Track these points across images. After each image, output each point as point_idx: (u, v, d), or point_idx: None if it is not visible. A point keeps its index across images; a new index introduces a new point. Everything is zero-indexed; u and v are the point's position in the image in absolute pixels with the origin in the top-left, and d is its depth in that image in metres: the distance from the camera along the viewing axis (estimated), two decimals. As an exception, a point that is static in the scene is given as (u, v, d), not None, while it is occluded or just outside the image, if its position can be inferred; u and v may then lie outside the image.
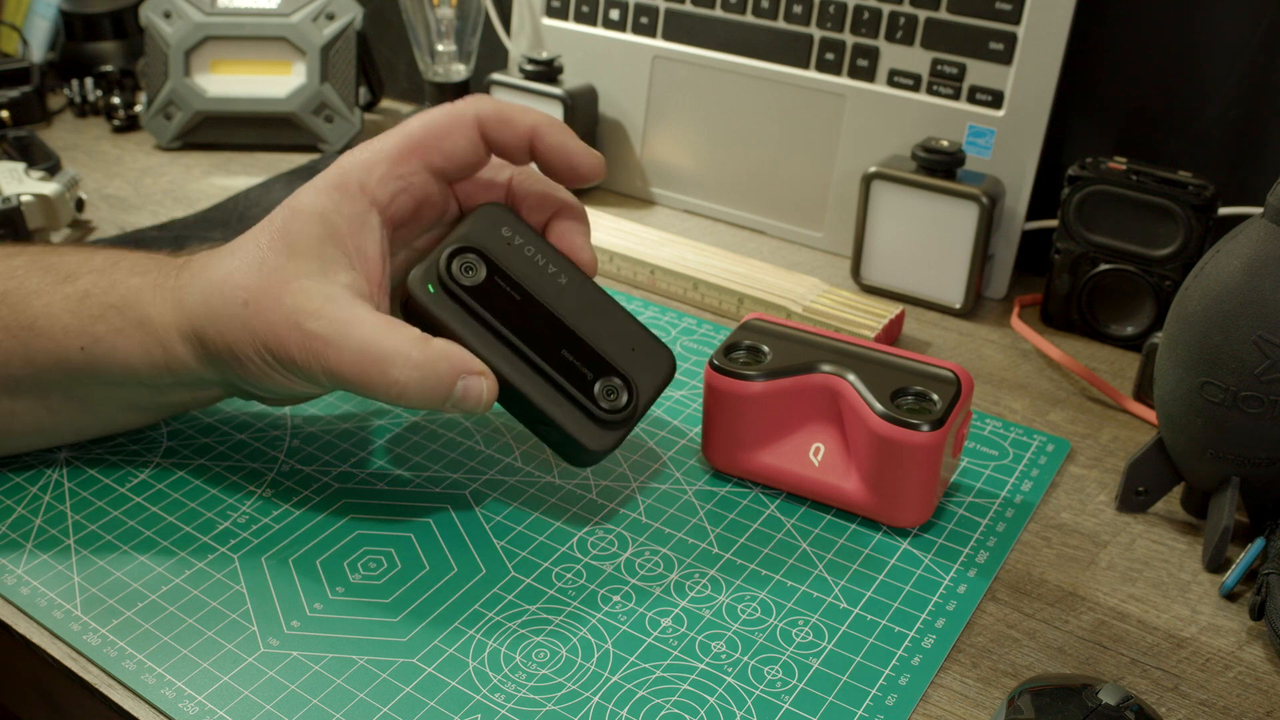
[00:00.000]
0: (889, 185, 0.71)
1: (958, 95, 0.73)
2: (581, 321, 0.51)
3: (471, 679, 0.44)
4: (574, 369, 0.50)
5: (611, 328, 0.51)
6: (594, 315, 0.51)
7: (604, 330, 0.51)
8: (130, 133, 0.98)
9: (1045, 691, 0.40)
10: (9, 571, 0.49)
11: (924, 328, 0.71)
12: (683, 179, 0.85)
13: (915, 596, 0.49)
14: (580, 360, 0.50)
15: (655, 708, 0.43)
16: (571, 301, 0.51)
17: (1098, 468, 0.58)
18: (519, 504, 0.53)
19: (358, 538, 0.51)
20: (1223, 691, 0.45)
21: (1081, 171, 0.66)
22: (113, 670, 0.44)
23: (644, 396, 0.51)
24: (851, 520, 0.53)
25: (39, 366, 0.50)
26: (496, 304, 0.50)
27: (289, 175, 0.89)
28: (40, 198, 0.76)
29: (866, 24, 0.75)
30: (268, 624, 0.46)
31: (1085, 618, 0.48)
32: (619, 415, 0.50)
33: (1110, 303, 0.68)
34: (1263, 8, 0.67)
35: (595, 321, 0.51)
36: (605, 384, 0.50)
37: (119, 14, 1.06)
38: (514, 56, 0.90)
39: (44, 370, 0.50)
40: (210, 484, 0.54)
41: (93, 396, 0.52)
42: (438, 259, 0.49)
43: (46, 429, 0.53)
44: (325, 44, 0.92)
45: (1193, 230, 0.64)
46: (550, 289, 0.51)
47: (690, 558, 0.51)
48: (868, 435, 0.50)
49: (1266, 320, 0.46)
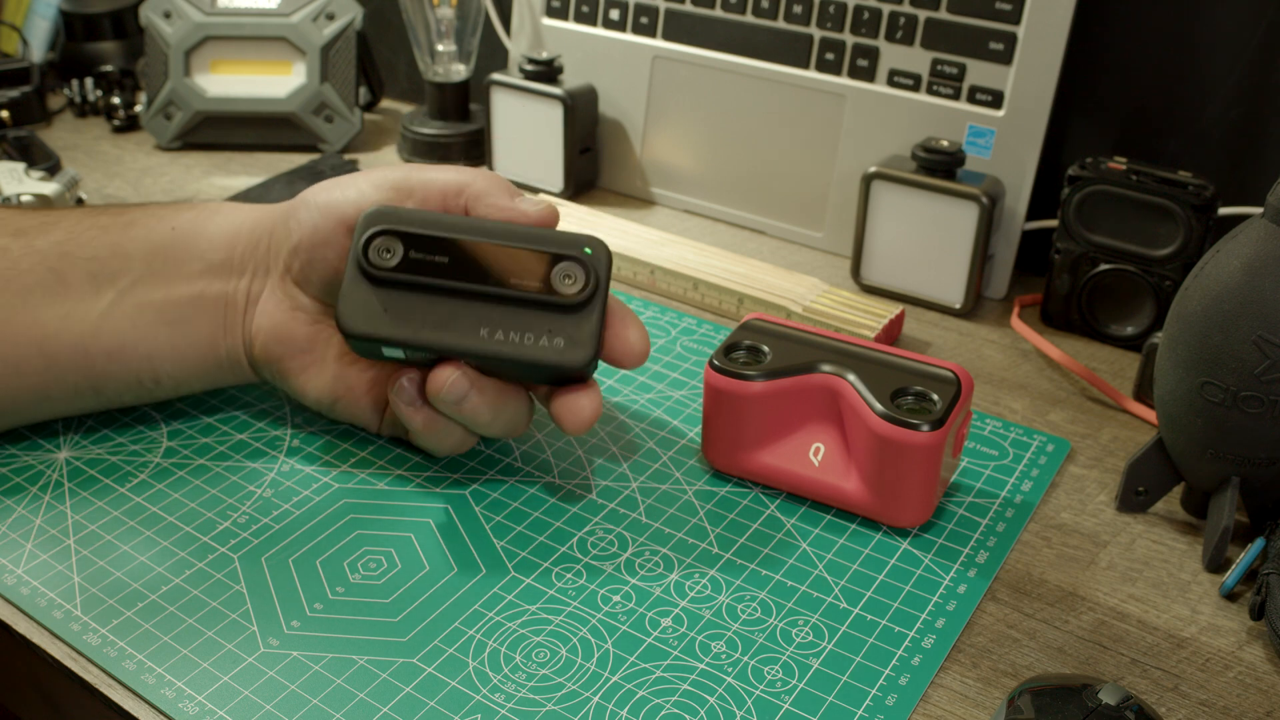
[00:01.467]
0: (889, 185, 0.71)
1: (958, 95, 0.73)
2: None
3: (471, 679, 0.44)
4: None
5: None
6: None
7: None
8: (130, 133, 0.98)
9: (1045, 691, 0.40)
10: (9, 571, 0.49)
11: (924, 328, 0.71)
12: (683, 179, 0.85)
13: (915, 596, 0.49)
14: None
15: (655, 708, 0.43)
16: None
17: (1098, 468, 0.58)
18: (519, 504, 0.53)
19: (358, 538, 0.51)
20: (1223, 691, 0.45)
21: (1081, 171, 0.66)
22: (113, 670, 0.44)
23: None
24: (851, 520, 0.53)
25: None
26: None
27: (289, 175, 0.89)
28: (40, 198, 0.76)
29: (866, 24, 0.75)
30: (268, 624, 0.46)
31: (1085, 618, 0.48)
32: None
33: (1110, 303, 0.68)
34: (1263, 8, 0.67)
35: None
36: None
37: (119, 14, 1.06)
38: (514, 56, 0.90)
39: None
40: (210, 484, 0.54)
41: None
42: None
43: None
44: (325, 44, 0.92)
45: (1193, 230, 0.64)
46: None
47: (690, 558, 0.51)
48: (868, 435, 0.50)
49: (1266, 320, 0.46)
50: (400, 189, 0.52)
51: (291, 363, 0.54)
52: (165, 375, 0.55)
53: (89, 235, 0.54)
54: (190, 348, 0.54)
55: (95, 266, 0.53)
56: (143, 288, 0.54)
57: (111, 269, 0.53)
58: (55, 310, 0.53)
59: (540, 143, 0.85)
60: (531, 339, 0.50)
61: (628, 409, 0.61)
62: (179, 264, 0.54)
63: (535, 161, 0.86)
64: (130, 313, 0.53)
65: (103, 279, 0.53)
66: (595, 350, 0.50)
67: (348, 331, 0.50)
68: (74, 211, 0.56)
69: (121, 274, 0.53)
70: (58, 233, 0.54)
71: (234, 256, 0.55)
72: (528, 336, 0.50)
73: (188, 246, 0.54)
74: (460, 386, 0.50)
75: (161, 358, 0.54)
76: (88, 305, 0.53)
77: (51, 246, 0.53)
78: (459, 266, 0.50)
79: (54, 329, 0.52)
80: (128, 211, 0.56)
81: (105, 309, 0.53)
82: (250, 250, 0.55)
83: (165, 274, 0.54)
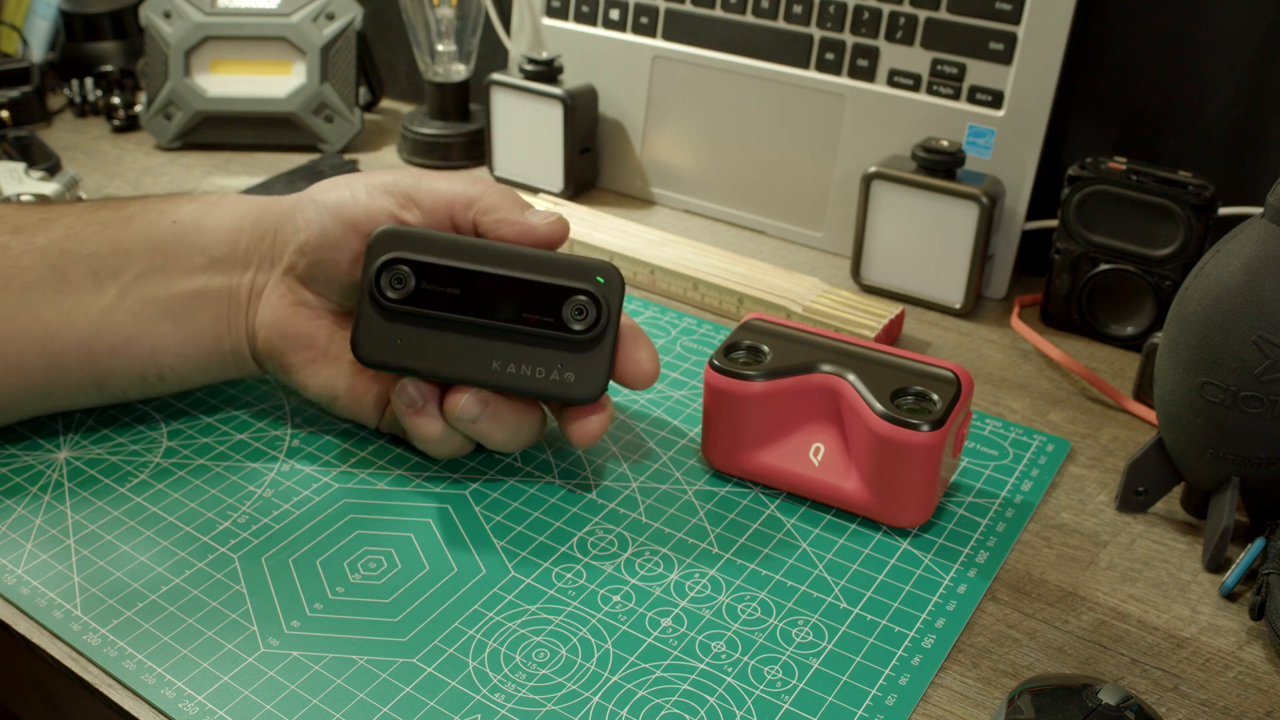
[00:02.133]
0: (889, 185, 0.71)
1: (958, 95, 0.73)
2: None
3: (471, 679, 0.44)
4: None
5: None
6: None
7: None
8: (130, 133, 0.98)
9: (1045, 691, 0.40)
10: (9, 571, 0.49)
11: (924, 328, 0.71)
12: (683, 179, 0.85)
13: (915, 596, 0.49)
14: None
15: (655, 708, 0.43)
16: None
17: (1098, 468, 0.58)
18: (519, 504, 0.53)
19: (358, 538, 0.51)
20: (1223, 691, 0.45)
21: (1081, 171, 0.66)
22: (113, 670, 0.44)
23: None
24: (851, 520, 0.53)
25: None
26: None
27: (289, 175, 0.89)
28: (40, 198, 0.76)
29: (866, 24, 0.75)
30: (268, 624, 0.46)
31: (1085, 618, 0.48)
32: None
33: (1110, 303, 0.68)
34: (1263, 8, 0.67)
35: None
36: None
37: (119, 14, 1.06)
38: (514, 56, 0.90)
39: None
40: (210, 484, 0.54)
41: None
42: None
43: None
44: (325, 44, 0.92)
45: (1193, 230, 0.64)
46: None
47: (690, 558, 0.51)
48: (868, 435, 0.50)
49: (1266, 320, 0.46)
50: (408, 197, 0.53)
51: (294, 358, 0.54)
52: (169, 370, 0.55)
53: (89, 231, 0.54)
54: (194, 342, 0.54)
55: (96, 263, 0.53)
56: (145, 283, 0.53)
57: (112, 265, 0.53)
58: (57, 307, 0.53)
59: (540, 143, 0.85)
60: (543, 373, 0.51)
61: (628, 409, 0.61)
62: (180, 258, 0.54)
63: (535, 161, 0.86)
64: (133, 308, 0.53)
65: (104, 275, 0.53)
66: (604, 384, 0.51)
67: (363, 360, 0.51)
68: (73, 207, 0.56)
69: (123, 270, 0.53)
70: (57, 229, 0.54)
71: (236, 250, 0.54)
72: (539, 370, 0.51)
73: (189, 241, 0.54)
74: (473, 408, 0.51)
75: (165, 352, 0.54)
76: (90, 302, 0.53)
77: (51, 243, 0.53)
78: (471, 299, 0.50)
79: (56, 326, 0.52)
80: (127, 206, 0.56)
81: (108, 305, 0.53)
82: (253, 244, 0.55)
83: (167, 269, 0.54)
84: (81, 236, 0.54)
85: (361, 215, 0.52)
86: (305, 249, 0.53)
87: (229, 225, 0.55)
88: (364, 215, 0.52)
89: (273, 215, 0.55)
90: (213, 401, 0.60)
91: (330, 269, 0.53)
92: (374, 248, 0.51)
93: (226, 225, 0.55)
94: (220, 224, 0.55)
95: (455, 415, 0.51)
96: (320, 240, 0.53)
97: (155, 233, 0.54)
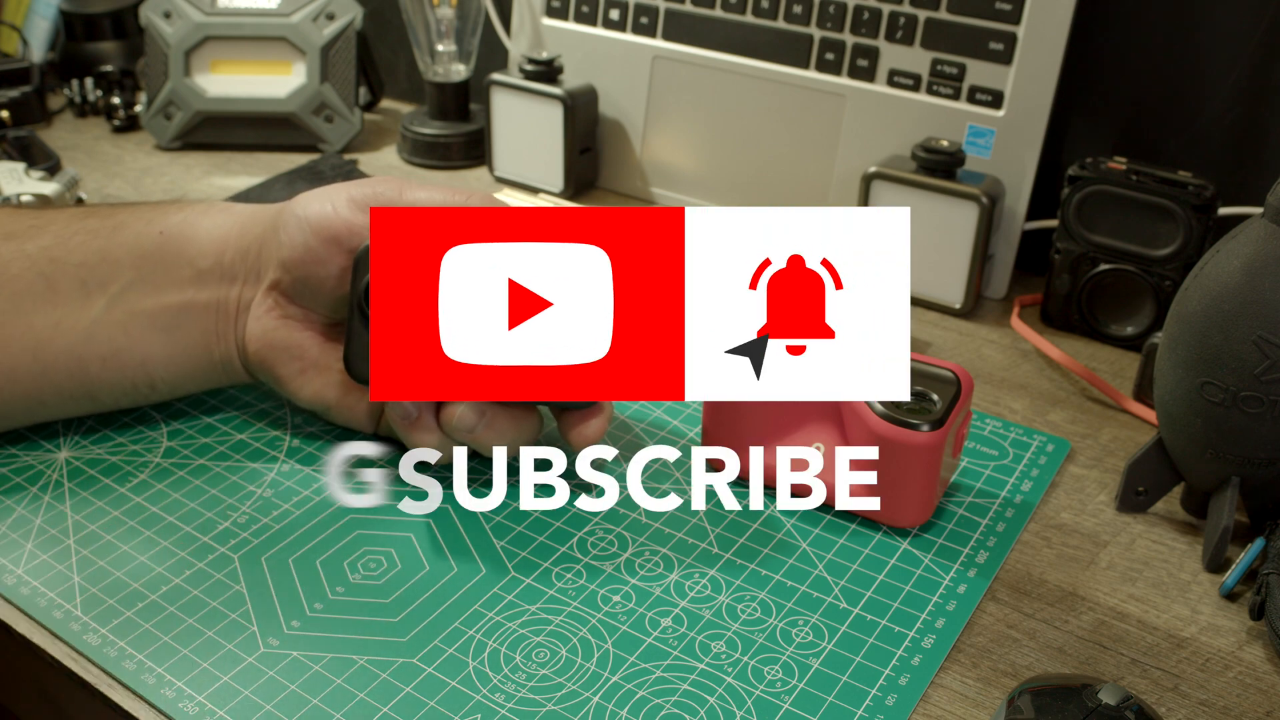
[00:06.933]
0: (889, 185, 0.71)
1: (958, 95, 0.73)
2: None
3: (471, 679, 0.44)
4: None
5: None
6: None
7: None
8: (130, 133, 0.98)
9: (1045, 691, 0.40)
10: (9, 571, 0.49)
11: (924, 328, 0.71)
12: (683, 179, 0.85)
13: (915, 596, 0.49)
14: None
15: (655, 708, 0.43)
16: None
17: (1098, 468, 0.58)
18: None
19: (358, 538, 0.51)
20: (1223, 691, 0.45)
21: (1081, 171, 0.66)
22: (113, 670, 0.44)
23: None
24: (851, 520, 0.53)
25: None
26: None
27: (289, 175, 0.89)
28: (40, 198, 0.76)
29: (866, 24, 0.75)
30: (268, 624, 0.46)
31: (1085, 618, 0.48)
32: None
33: (1110, 303, 0.68)
34: (1263, 8, 0.67)
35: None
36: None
37: (119, 14, 1.06)
38: (514, 56, 0.90)
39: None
40: (210, 484, 0.54)
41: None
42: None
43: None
44: (325, 44, 0.92)
45: (1193, 230, 0.64)
46: None
47: (690, 558, 0.51)
48: (868, 435, 0.50)
49: (1266, 320, 0.46)
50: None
51: (284, 369, 0.54)
52: (160, 380, 0.55)
53: (77, 240, 0.54)
54: (184, 353, 0.55)
55: (84, 273, 0.53)
56: (133, 295, 0.53)
57: (100, 276, 0.53)
58: (47, 317, 0.53)
59: (540, 143, 0.85)
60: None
61: (628, 409, 0.61)
62: (168, 270, 0.54)
63: (535, 161, 0.86)
64: (122, 320, 0.53)
65: (92, 286, 0.53)
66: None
67: (358, 378, 0.52)
68: (63, 214, 0.56)
69: (111, 281, 0.53)
70: (46, 237, 0.54)
71: (223, 263, 0.54)
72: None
73: (177, 252, 0.54)
74: (470, 419, 0.51)
75: (156, 363, 0.54)
76: (79, 312, 0.53)
77: (40, 251, 0.53)
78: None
79: (47, 336, 0.53)
80: (116, 214, 0.56)
81: (96, 316, 0.53)
82: (239, 257, 0.55)
83: (155, 281, 0.54)
84: (70, 245, 0.54)
85: (344, 230, 0.52)
86: (289, 265, 0.53)
87: (216, 237, 0.55)
88: (346, 230, 0.52)
89: (257, 227, 0.55)
90: (213, 401, 0.60)
91: (315, 284, 0.53)
92: (360, 264, 0.51)
93: (213, 237, 0.55)
94: (207, 235, 0.55)
95: (452, 426, 0.51)
96: (304, 257, 0.53)
97: (142, 243, 0.54)
